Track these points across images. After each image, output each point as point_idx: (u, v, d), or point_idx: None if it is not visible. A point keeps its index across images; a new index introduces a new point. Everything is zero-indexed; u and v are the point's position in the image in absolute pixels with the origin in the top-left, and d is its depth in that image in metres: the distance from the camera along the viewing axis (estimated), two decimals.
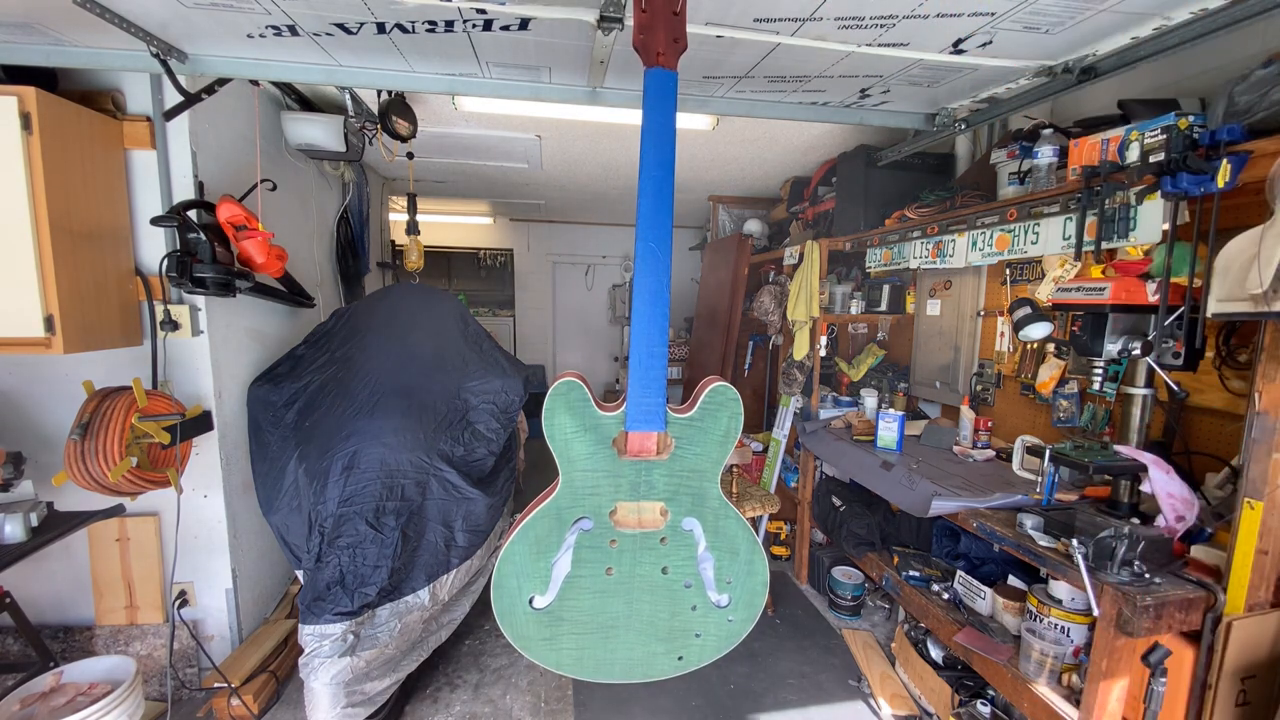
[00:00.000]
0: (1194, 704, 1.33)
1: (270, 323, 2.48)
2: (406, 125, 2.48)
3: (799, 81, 1.85)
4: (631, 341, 1.05)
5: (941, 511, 1.85)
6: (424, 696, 2.19)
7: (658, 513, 1.10)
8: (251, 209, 2.03)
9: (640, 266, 1.02)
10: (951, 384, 2.73)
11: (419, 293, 2.69)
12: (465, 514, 2.03)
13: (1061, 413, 2.11)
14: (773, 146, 3.20)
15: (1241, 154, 1.26)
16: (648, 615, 1.15)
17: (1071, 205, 1.70)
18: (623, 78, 1.84)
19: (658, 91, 1.01)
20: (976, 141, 2.65)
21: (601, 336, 6.60)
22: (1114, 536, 1.39)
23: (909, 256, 2.52)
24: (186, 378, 2.05)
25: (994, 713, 1.86)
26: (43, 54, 1.70)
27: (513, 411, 2.32)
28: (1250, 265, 1.16)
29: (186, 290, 1.86)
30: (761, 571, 1.17)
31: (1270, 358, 1.22)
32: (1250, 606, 1.28)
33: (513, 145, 3.21)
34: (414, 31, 1.55)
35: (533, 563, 1.09)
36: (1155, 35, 1.45)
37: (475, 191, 4.62)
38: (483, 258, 7.21)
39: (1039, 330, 1.92)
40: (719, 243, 4.48)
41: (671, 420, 1.07)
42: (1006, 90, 1.86)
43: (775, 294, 3.60)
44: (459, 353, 2.40)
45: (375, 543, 1.82)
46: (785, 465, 3.45)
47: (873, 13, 1.40)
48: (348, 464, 1.88)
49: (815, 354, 3.03)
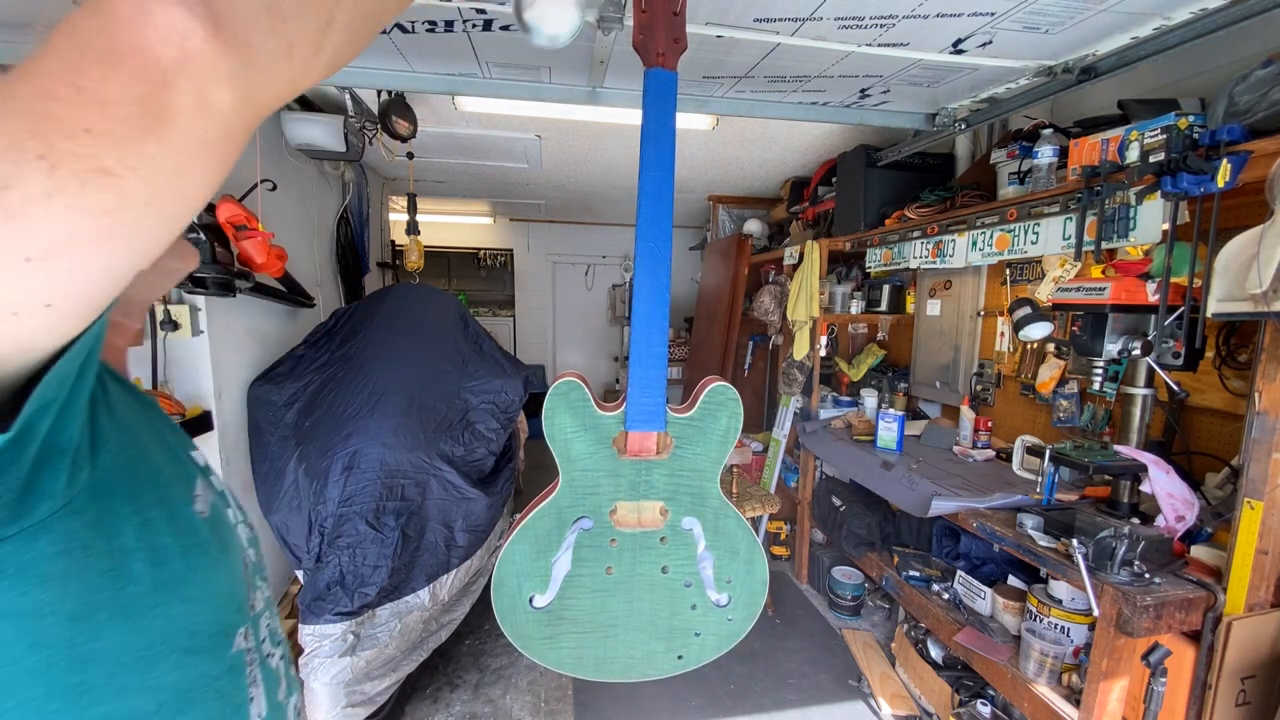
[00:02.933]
0: (1194, 704, 1.33)
1: (270, 323, 2.48)
2: (406, 125, 2.48)
3: (799, 81, 1.85)
4: (631, 341, 1.05)
5: (941, 511, 1.85)
6: (424, 696, 2.19)
7: (657, 512, 1.10)
8: (251, 209, 2.03)
9: (640, 266, 1.02)
10: (951, 384, 2.73)
11: (419, 293, 2.69)
12: (465, 514, 2.03)
13: (1061, 413, 2.11)
14: (773, 146, 3.20)
15: (1241, 154, 1.26)
16: (647, 614, 1.15)
17: (1071, 205, 1.70)
18: (623, 78, 1.84)
19: (658, 91, 1.01)
20: (976, 141, 2.65)
21: (601, 336, 6.60)
22: (1114, 536, 1.40)
23: (909, 256, 2.52)
24: (186, 378, 2.05)
25: (994, 713, 1.86)
26: None
27: (513, 411, 2.32)
28: (1250, 265, 1.16)
29: (186, 290, 1.86)
30: (761, 571, 1.17)
31: (1270, 358, 1.22)
32: (1250, 606, 1.28)
33: (513, 145, 3.21)
34: (414, 31, 1.55)
35: (533, 562, 1.09)
36: (1155, 35, 1.45)
37: (475, 191, 4.62)
38: (483, 258, 7.21)
39: (1039, 330, 1.92)
40: (719, 243, 4.48)
41: (671, 420, 1.07)
42: (1006, 90, 1.86)
43: (775, 294, 3.60)
44: (459, 353, 2.41)
45: (375, 543, 1.82)
46: (785, 465, 3.45)
47: (873, 13, 1.40)
48: (348, 464, 1.88)
49: (815, 354, 3.03)
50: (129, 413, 0.47)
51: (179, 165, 0.31)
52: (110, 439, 0.42)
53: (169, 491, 0.47)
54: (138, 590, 0.42)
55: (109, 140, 0.28)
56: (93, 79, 0.28)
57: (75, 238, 0.29)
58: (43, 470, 0.35)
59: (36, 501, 0.35)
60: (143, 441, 0.47)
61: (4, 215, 0.27)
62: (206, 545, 0.48)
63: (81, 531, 0.38)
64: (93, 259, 0.30)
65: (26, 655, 0.36)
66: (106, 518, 0.40)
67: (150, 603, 0.42)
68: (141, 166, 0.29)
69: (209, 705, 0.47)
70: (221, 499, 0.56)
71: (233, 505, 0.59)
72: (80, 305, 0.32)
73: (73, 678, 0.38)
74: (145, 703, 0.42)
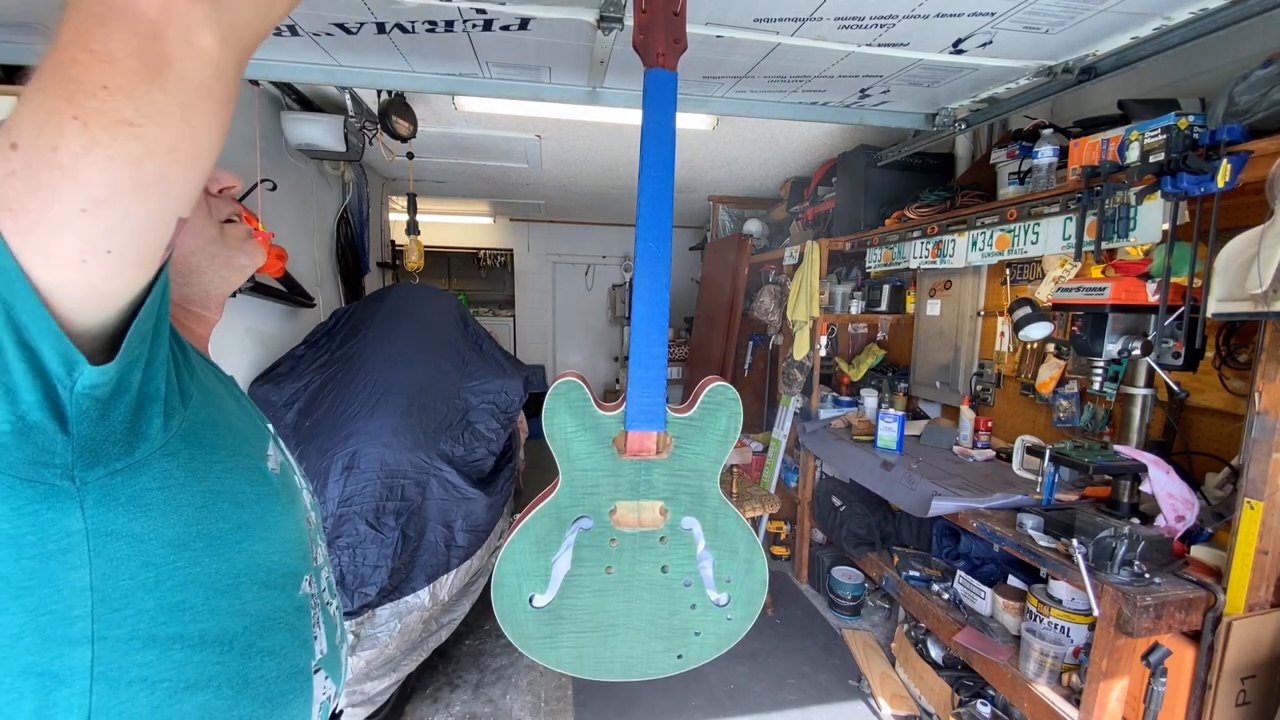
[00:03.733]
0: (1194, 704, 1.33)
1: (270, 323, 2.48)
2: (406, 125, 2.48)
3: (799, 81, 1.85)
4: (631, 341, 1.05)
5: (941, 511, 1.85)
6: (424, 696, 2.20)
7: (657, 512, 1.10)
8: (251, 209, 2.03)
9: (640, 266, 1.02)
10: (951, 384, 2.73)
11: (419, 293, 2.69)
12: (465, 514, 2.03)
13: (1061, 413, 2.11)
14: (773, 146, 3.20)
15: (1241, 154, 1.26)
16: (647, 614, 1.15)
17: (1071, 205, 1.70)
18: (623, 78, 1.84)
19: (658, 92, 1.01)
20: (976, 141, 2.65)
21: (601, 336, 6.60)
22: (1114, 536, 1.40)
23: (909, 256, 2.52)
24: None
25: (994, 713, 1.86)
26: None
27: (513, 411, 2.32)
28: (1250, 265, 1.16)
29: None
30: (761, 570, 1.17)
31: (1270, 358, 1.22)
32: (1250, 606, 1.28)
33: (513, 145, 3.21)
34: (414, 31, 1.55)
35: (533, 561, 1.09)
36: (1155, 35, 1.45)
37: (475, 191, 4.62)
38: (483, 258, 7.22)
39: (1039, 330, 1.92)
40: (719, 243, 4.48)
41: (671, 420, 1.07)
42: (1006, 90, 1.86)
43: (775, 294, 3.60)
44: (459, 353, 2.41)
45: (375, 543, 1.82)
46: (785, 465, 3.45)
47: (873, 13, 1.40)
48: (348, 464, 1.88)
49: (815, 354, 3.03)
50: (211, 380, 0.56)
51: (185, 108, 0.36)
52: (194, 396, 0.50)
53: (246, 447, 0.55)
54: (225, 526, 0.50)
55: (124, 93, 0.34)
56: (98, 40, 0.33)
57: (118, 187, 0.35)
58: (141, 414, 0.43)
59: (139, 441, 0.44)
60: (223, 404, 0.55)
61: (60, 173, 0.33)
62: (278, 495, 0.57)
63: (176, 471, 0.47)
64: (137, 207, 0.36)
65: (140, 571, 0.45)
66: (196, 461, 0.48)
67: (235, 539, 0.51)
68: (155, 114, 0.35)
69: (282, 636, 0.56)
70: (289, 464, 0.65)
71: (299, 474, 0.67)
72: (137, 251, 0.38)
73: (176, 595, 0.47)
74: (233, 624, 0.51)
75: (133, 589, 0.44)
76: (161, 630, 0.46)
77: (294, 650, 0.57)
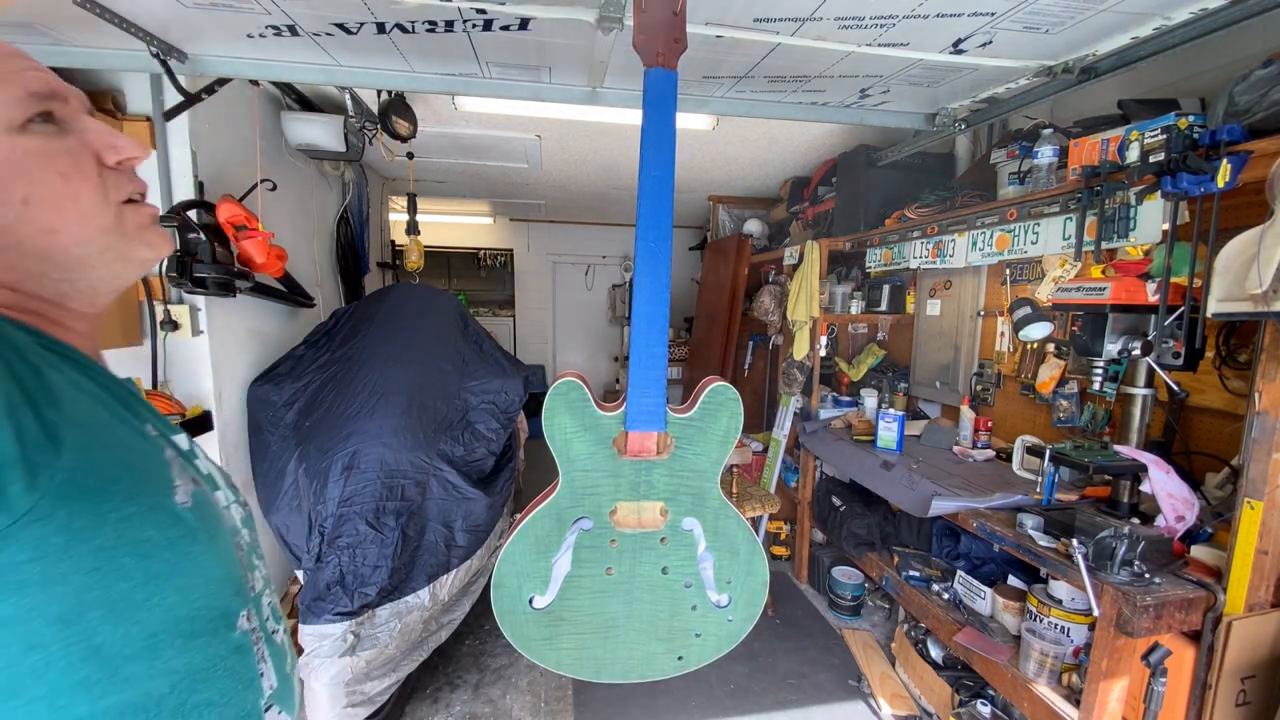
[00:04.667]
0: (1194, 704, 1.33)
1: (270, 323, 2.48)
2: (406, 125, 2.48)
3: (799, 81, 1.85)
4: (631, 341, 1.05)
5: (941, 511, 1.85)
6: (424, 696, 2.19)
7: (657, 512, 1.10)
8: (251, 209, 2.03)
9: (640, 266, 1.02)
10: (951, 384, 2.73)
11: (419, 292, 2.69)
12: (465, 514, 2.03)
13: (1061, 413, 2.11)
14: (773, 146, 3.20)
15: (1241, 154, 1.26)
16: (647, 615, 1.15)
17: (1071, 205, 1.70)
18: (623, 78, 1.84)
19: (658, 91, 1.01)
20: (976, 141, 2.65)
21: (601, 336, 6.60)
22: (1114, 536, 1.40)
23: (909, 256, 2.52)
24: (186, 378, 2.04)
25: (994, 713, 1.86)
26: (42, 54, 1.70)
27: (513, 411, 2.32)
28: (1250, 265, 1.16)
29: (186, 290, 1.86)
30: (761, 571, 1.17)
31: (1270, 358, 1.22)
32: (1250, 606, 1.28)
33: (513, 145, 3.21)
34: (414, 31, 1.55)
35: (533, 562, 1.09)
36: (1155, 35, 1.44)
37: (475, 191, 4.62)
38: (483, 258, 7.22)
39: (1039, 330, 1.92)
40: (719, 243, 4.48)
41: (671, 420, 1.07)
42: (1006, 90, 1.85)
43: (775, 294, 3.60)
44: (459, 353, 2.40)
45: (375, 543, 1.82)
46: (785, 465, 3.45)
47: (873, 13, 1.40)
48: (348, 464, 1.88)
49: (815, 354, 3.03)
50: (91, 406, 0.46)
51: None
52: (66, 440, 0.41)
53: (146, 485, 0.47)
54: (127, 585, 0.43)
55: None
56: None
57: None
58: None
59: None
60: (113, 436, 0.46)
61: None
62: (195, 533, 0.48)
63: (53, 536, 0.39)
64: None
65: (23, 656, 0.38)
66: (79, 519, 0.40)
67: (143, 595, 0.43)
68: None
69: (221, 683, 0.49)
70: (210, 481, 0.57)
71: (223, 487, 0.59)
72: None
73: (76, 674, 0.40)
74: (158, 686, 0.44)
75: (19, 676, 0.38)
76: (65, 714, 0.39)
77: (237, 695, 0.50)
